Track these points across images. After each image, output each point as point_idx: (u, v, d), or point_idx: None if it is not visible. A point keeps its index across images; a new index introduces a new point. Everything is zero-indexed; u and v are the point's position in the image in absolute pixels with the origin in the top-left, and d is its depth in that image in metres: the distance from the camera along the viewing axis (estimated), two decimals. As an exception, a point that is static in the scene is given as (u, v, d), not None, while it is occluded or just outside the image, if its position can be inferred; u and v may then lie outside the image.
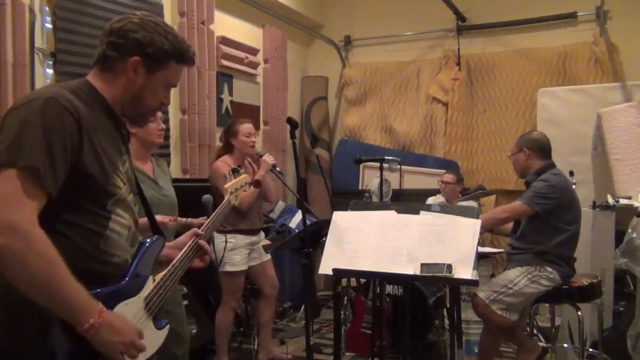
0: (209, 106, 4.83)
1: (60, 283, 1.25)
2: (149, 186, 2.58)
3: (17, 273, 1.23)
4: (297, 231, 4.78)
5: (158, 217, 2.32)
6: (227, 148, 3.74)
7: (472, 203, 4.50)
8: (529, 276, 3.19)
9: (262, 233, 3.94)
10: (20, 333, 1.30)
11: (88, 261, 1.33)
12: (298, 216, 5.12)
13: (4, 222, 1.22)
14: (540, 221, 3.21)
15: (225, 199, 2.01)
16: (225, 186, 2.05)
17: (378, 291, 3.24)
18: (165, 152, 4.37)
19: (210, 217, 1.88)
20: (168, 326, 1.61)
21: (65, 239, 1.30)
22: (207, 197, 2.14)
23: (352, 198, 3.51)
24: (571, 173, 3.90)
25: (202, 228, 1.80)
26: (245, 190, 2.19)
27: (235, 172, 2.14)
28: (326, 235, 2.64)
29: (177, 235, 1.93)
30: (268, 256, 3.88)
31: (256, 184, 3.54)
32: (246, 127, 3.69)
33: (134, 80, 1.48)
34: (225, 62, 5.11)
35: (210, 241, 2.03)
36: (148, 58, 1.47)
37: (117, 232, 1.45)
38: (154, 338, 1.54)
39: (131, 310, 1.44)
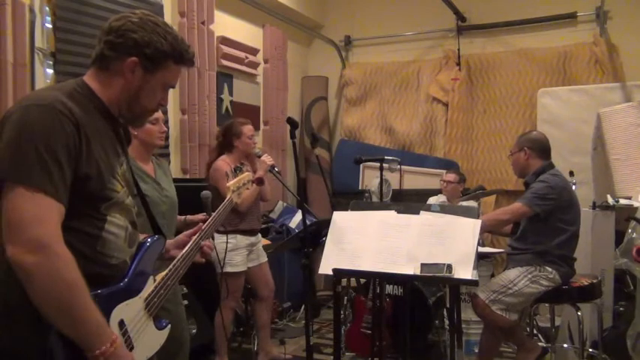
0: (209, 106, 4.83)
1: (79, 308, 1.26)
2: (151, 186, 2.59)
3: (40, 292, 1.24)
4: (297, 231, 4.79)
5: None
6: (225, 147, 3.72)
7: (472, 203, 4.50)
8: (529, 276, 3.19)
9: (260, 235, 3.93)
10: (19, 334, 1.29)
11: (86, 264, 1.33)
12: (298, 216, 5.12)
13: (35, 241, 1.22)
14: (540, 222, 3.21)
15: (228, 197, 2.00)
16: (228, 184, 2.04)
17: (378, 291, 3.24)
18: (165, 152, 4.37)
19: (212, 216, 1.87)
20: (169, 326, 1.61)
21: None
22: (206, 193, 2.14)
23: (352, 198, 3.51)
24: (571, 173, 3.90)
25: (204, 226, 1.79)
26: (248, 188, 2.18)
27: (238, 170, 2.13)
28: (326, 235, 2.64)
29: (177, 233, 1.93)
30: (265, 258, 3.88)
31: (259, 181, 3.52)
32: (248, 128, 3.71)
33: (131, 81, 1.47)
34: (225, 62, 5.11)
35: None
36: (145, 58, 1.46)
37: (113, 233, 1.44)
38: (154, 338, 1.54)
39: (131, 311, 1.44)
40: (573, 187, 3.59)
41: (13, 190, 1.25)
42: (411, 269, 2.36)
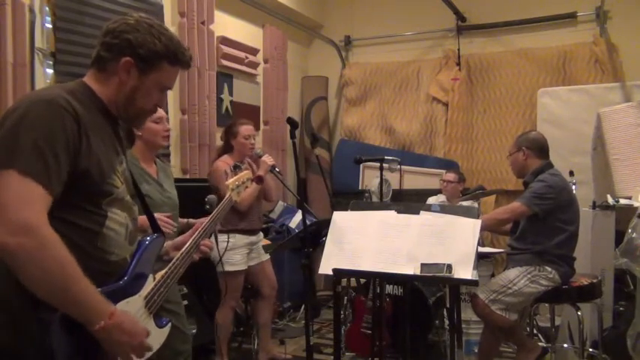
0: (209, 106, 4.83)
1: (73, 285, 1.27)
2: (154, 188, 2.59)
3: (31, 273, 1.24)
4: (297, 231, 4.79)
5: (157, 215, 2.32)
6: (227, 148, 3.75)
7: (472, 203, 4.50)
8: (528, 276, 3.19)
9: (261, 234, 3.93)
10: (19, 333, 1.30)
11: (85, 259, 1.33)
12: (298, 216, 5.12)
13: (18, 223, 1.23)
14: (539, 221, 3.21)
15: (227, 195, 2.00)
16: (227, 182, 2.04)
17: (378, 291, 3.24)
18: (165, 152, 4.37)
19: (212, 214, 1.88)
20: (169, 324, 1.61)
21: (62, 238, 1.30)
22: (212, 197, 2.15)
23: (352, 198, 3.51)
24: (571, 173, 3.90)
25: (204, 225, 1.80)
26: (247, 187, 2.18)
27: (237, 168, 2.14)
28: (326, 235, 2.64)
29: (179, 235, 1.93)
30: (267, 257, 3.88)
31: (258, 180, 3.53)
32: (245, 128, 3.70)
33: (126, 81, 1.48)
34: (225, 62, 5.11)
35: (212, 237, 2.03)
36: (139, 59, 1.47)
37: (113, 230, 1.45)
38: (155, 337, 1.54)
39: (131, 309, 1.44)
40: (573, 187, 3.59)
41: (4, 174, 1.26)
42: (411, 269, 2.36)
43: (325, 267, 2.51)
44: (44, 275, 1.24)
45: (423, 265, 2.35)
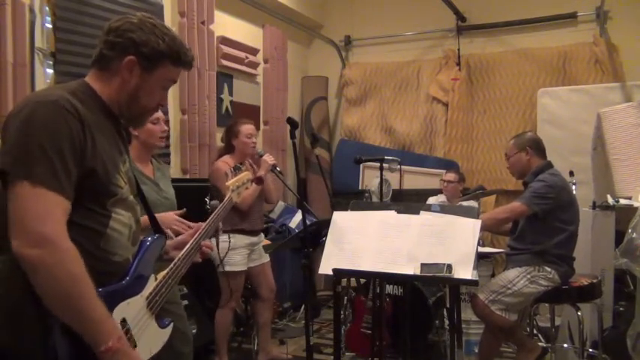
0: (209, 106, 4.83)
1: (85, 303, 1.28)
2: (151, 188, 2.59)
3: (46, 286, 1.25)
4: (297, 231, 4.79)
5: (170, 213, 2.32)
6: (228, 148, 3.75)
7: (472, 203, 4.50)
8: (528, 276, 3.19)
9: (262, 234, 3.93)
10: (22, 334, 1.30)
11: (89, 260, 1.33)
12: (298, 216, 5.12)
13: (39, 235, 1.24)
14: (539, 221, 3.21)
15: (227, 196, 2.01)
16: (227, 183, 2.05)
17: (378, 291, 3.24)
18: (165, 152, 4.37)
19: (213, 215, 1.88)
20: (171, 325, 1.61)
21: None
22: (215, 203, 2.16)
23: (352, 198, 3.51)
24: (571, 173, 3.90)
25: (204, 226, 1.80)
26: (247, 188, 2.18)
27: (237, 169, 2.14)
28: (326, 235, 2.64)
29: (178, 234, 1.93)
30: (267, 258, 3.88)
31: (258, 181, 3.53)
32: (247, 127, 3.70)
33: (129, 80, 1.49)
34: (225, 62, 5.11)
35: (215, 237, 2.04)
36: (143, 57, 1.47)
37: (117, 230, 1.45)
38: (157, 337, 1.54)
39: (133, 309, 1.44)
40: (573, 187, 3.58)
41: (17, 185, 1.27)
42: (411, 269, 2.36)
43: (325, 267, 2.51)
44: (57, 290, 1.25)
45: (423, 265, 2.35)
